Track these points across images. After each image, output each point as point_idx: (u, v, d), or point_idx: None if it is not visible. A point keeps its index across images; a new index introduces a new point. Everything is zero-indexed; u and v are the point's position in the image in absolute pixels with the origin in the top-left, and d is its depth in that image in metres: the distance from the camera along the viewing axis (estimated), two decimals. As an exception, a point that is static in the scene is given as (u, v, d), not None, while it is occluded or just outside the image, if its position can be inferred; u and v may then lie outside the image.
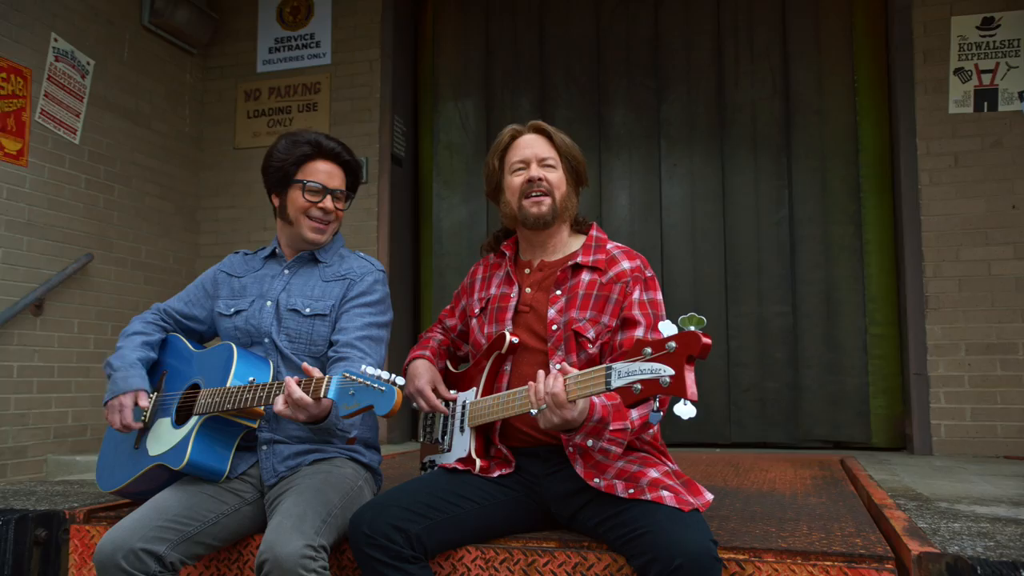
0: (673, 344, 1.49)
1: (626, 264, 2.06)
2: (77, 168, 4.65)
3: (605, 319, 2.00)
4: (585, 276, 2.07)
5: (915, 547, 1.74)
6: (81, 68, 4.70)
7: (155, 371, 2.27)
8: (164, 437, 2.09)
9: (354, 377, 1.72)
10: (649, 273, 2.07)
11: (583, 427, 1.77)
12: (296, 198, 2.20)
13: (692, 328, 1.47)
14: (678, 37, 5.14)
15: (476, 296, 2.24)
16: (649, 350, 1.52)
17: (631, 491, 1.81)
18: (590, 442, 1.81)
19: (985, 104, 4.39)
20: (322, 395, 1.77)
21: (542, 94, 5.38)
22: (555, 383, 1.71)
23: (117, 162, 4.94)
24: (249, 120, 5.64)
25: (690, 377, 1.46)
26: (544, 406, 1.73)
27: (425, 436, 2.28)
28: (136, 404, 2.14)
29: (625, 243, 2.20)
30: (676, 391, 1.46)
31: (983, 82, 4.40)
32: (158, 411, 2.18)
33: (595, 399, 1.77)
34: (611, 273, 2.05)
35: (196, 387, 2.12)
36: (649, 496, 1.77)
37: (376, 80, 5.37)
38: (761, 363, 4.75)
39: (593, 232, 2.17)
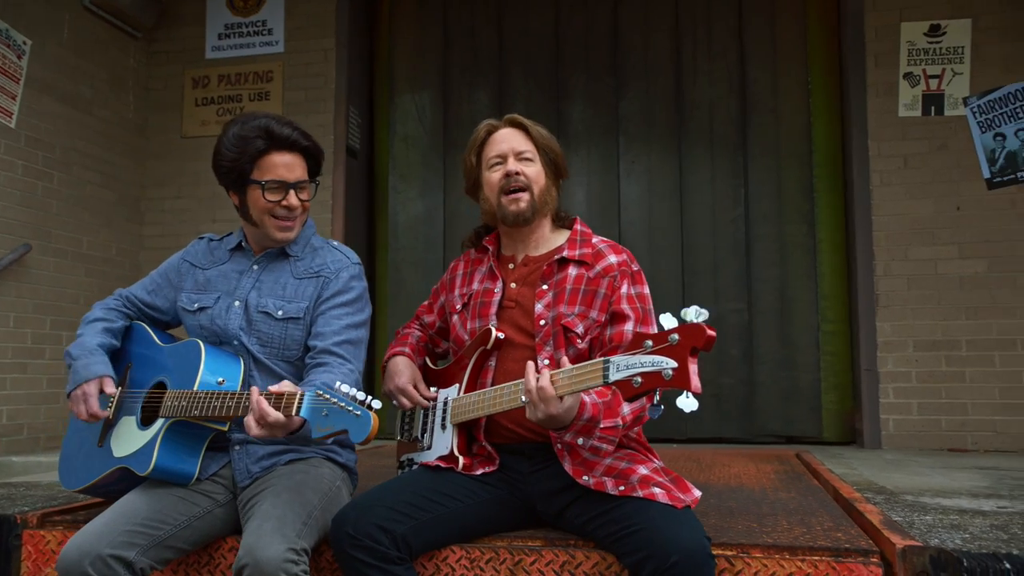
0: (676, 336, 1.48)
1: (613, 258, 2.05)
2: (13, 154, 4.41)
3: (594, 313, 1.98)
4: (572, 270, 2.04)
5: (898, 541, 1.76)
6: (17, 48, 4.46)
7: (119, 361, 2.15)
8: (129, 438, 1.98)
9: (327, 396, 1.63)
10: (636, 267, 2.06)
11: (572, 425, 1.74)
12: (257, 199, 2.02)
13: (695, 320, 1.46)
14: (637, 34, 5.16)
15: (457, 292, 2.20)
16: (650, 343, 1.50)
17: (621, 488, 1.79)
18: (580, 440, 1.79)
19: (932, 108, 4.53)
20: (293, 413, 1.67)
21: (500, 88, 5.34)
22: (542, 377, 1.68)
23: (56, 148, 4.71)
24: (197, 108, 5.45)
25: (693, 369, 1.45)
26: (527, 399, 1.70)
27: (403, 434, 2.22)
28: (102, 391, 2.02)
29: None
30: (679, 384, 1.45)
31: (930, 87, 4.54)
32: (122, 407, 2.07)
33: (585, 397, 1.75)
34: (598, 267, 2.03)
35: (162, 386, 2.02)
36: (640, 493, 1.76)
37: (331, 70, 5.25)
38: (717, 359, 4.81)
39: (577, 226, 2.16)
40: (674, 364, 1.45)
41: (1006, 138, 4.42)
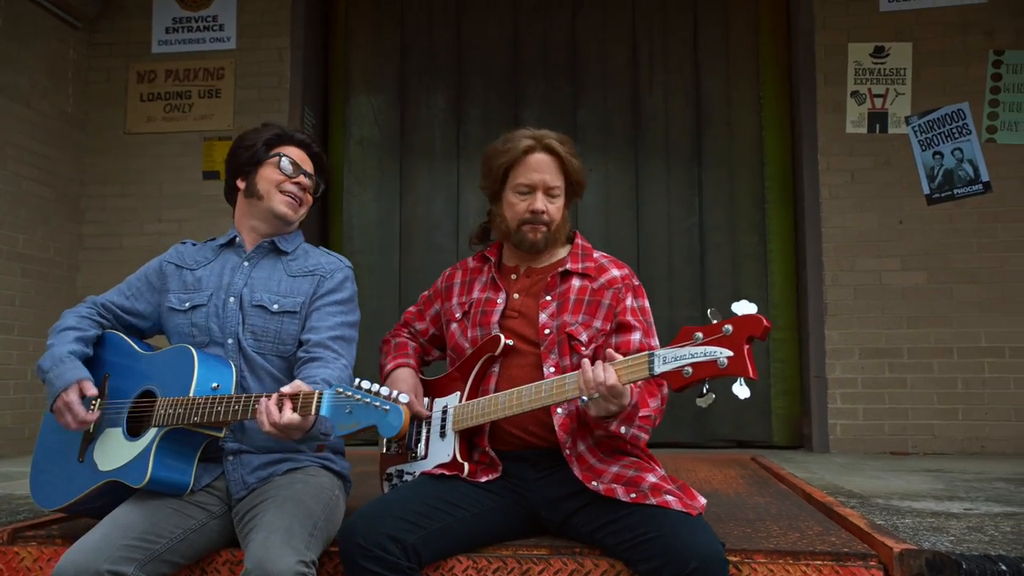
0: (730, 327, 1.57)
1: (616, 272, 2.09)
2: (-53, 146, 4.18)
3: (597, 323, 2.01)
4: (575, 282, 2.07)
5: (893, 544, 1.83)
6: (-47, 35, 4.23)
7: (95, 370, 2.04)
8: (116, 450, 1.90)
9: (349, 393, 1.63)
10: (636, 282, 2.10)
11: (622, 412, 1.77)
12: (269, 173, 2.10)
13: (747, 312, 1.55)
14: (595, 44, 5.23)
15: (455, 300, 2.19)
16: (700, 335, 1.60)
17: (633, 495, 1.81)
18: (623, 429, 1.83)
19: (877, 126, 4.73)
20: (312, 413, 1.66)
21: (458, 93, 5.33)
22: (608, 373, 1.71)
23: (-8, 142, 4.48)
24: (143, 103, 5.26)
25: (750, 356, 1.54)
26: (597, 395, 1.72)
27: (391, 447, 2.19)
28: (83, 396, 1.93)
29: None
30: (735, 371, 1.55)
31: (875, 105, 4.75)
32: (103, 420, 1.97)
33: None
34: (602, 280, 2.06)
35: (150, 394, 1.94)
36: (654, 500, 1.78)
37: (285, 69, 5.15)
38: (671, 365, 4.89)
39: (579, 240, 2.18)
40: (729, 353, 1.55)
41: (943, 156, 4.66)
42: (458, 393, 2.06)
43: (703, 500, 1.88)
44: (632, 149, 5.13)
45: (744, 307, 1.58)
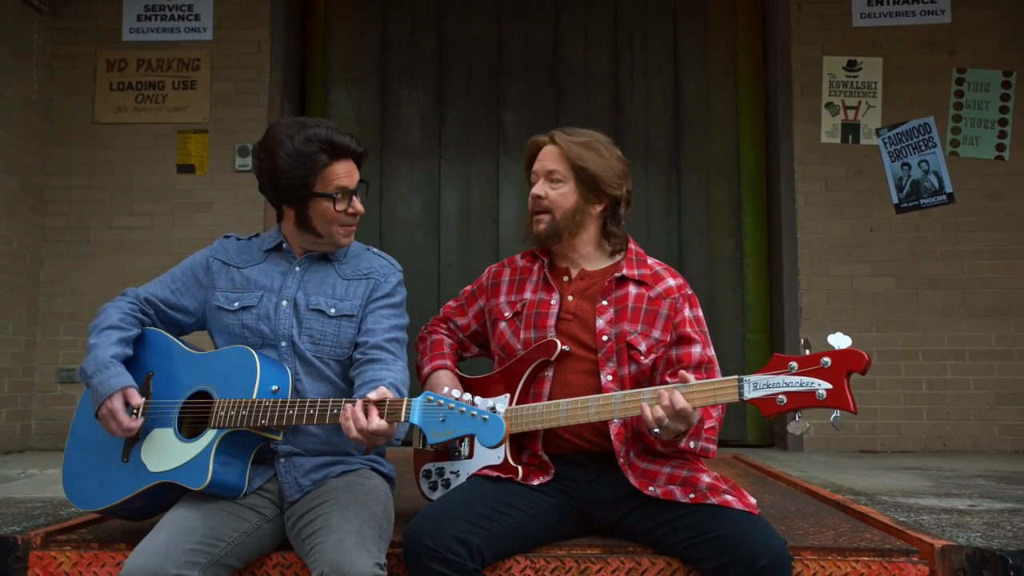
0: (828, 360, 1.62)
1: (672, 281, 2.10)
2: (-90, 132, 3.96)
3: (656, 333, 2.03)
4: (632, 289, 2.07)
5: (934, 541, 1.92)
6: (-83, 15, 4.01)
7: (136, 370, 1.98)
8: (169, 451, 1.85)
9: (441, 402, 1.64)
10: (690, 291, 2.12)
11: (690, 429, 1.81)
12: (324, 211, 1.98)
13: (842, 346, 1.61)
14: (577, 48, 5.29)
15: (505, 299, 2.18)
16: (795, 365, 1.61)
17: (691, 496, 1.86)
18: (692, 444, 1.87)
19: (850, 137, 4.92)
20: (402, 419, 1.67)
21: (440, 92, 5.32)
22: (679, 399, 1.74)
23: (-44, 128, 4.27)
24: (112, 93, 5.08)
25: (849, 391, 1.60)
26: (668, 422, 1.75)
27: (426, 443, 2.18)
28: (127, 403, 1.87)
29: (522, 247, 2.28)
30: (834, 404, 1.60)
31: (848, 117, 4.93)
32: (149, 420, 1.92)
33: None
34: (659, 288, 2.08)
35: (203, 395, 1.90)
36: (714, 500, 1.83)
37: (265, 62, 5.05)
38: (650, 366, 4.99)
39: (632, 246, 2.18)
40: (828, 386, 1.61)
41: (911, 168, 4.88)
42: (507, 395, 2.07)
43: (752, 500, 1.93)
44: (613, 153, 5.20)
45: (841, 340, 1.63)
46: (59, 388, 4.88)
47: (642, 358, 2.00)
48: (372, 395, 1.71)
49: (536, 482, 1.98)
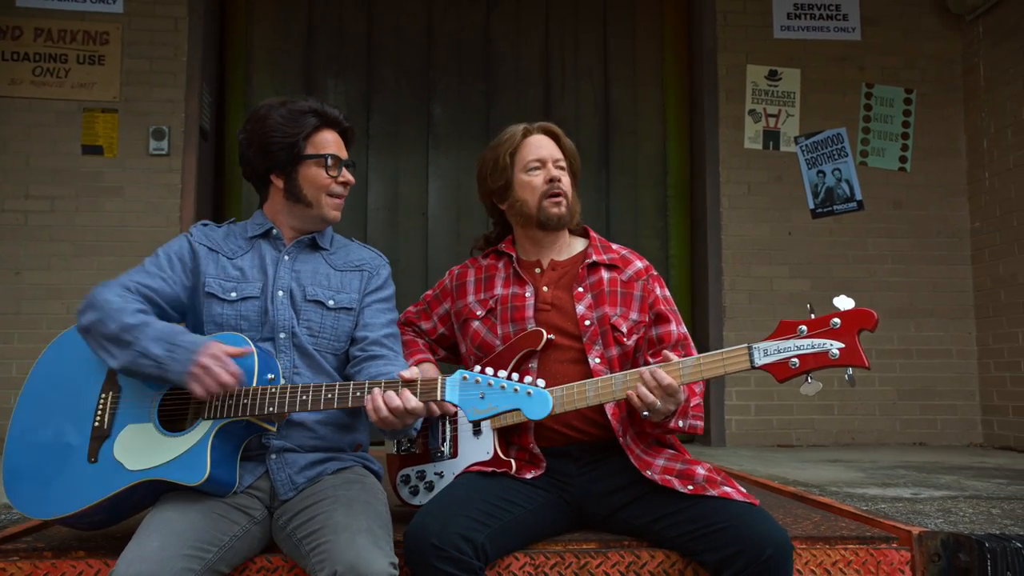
0: (838, 321, 1.69)
1: (639, 264, 2.17)
2: None
3: (634, 315, 2.07)
4: (604, 274, 2.12)
5: (909, 528, 2.01)
6: None
7: (95, 366, 1.81)
8: (151, 447, 1.70)
9: (478, 379, 1.61)
10: (655, 272, 2.19)
11: (678, 407, 1.83)
12: (315, 176, 1.93)
13: (848, 307, 1.67)
14: (509, 44, 5.27)
15: (474, 298, 2.15)
16: (805, 328, 1.71)
17: (690, 488, 1.86)
18: (680, 423, 1.90)
19: (771, 143, 5.12)
20: (438, 398, 1.63)
21: (369, 82, 5.17)
22: (664, 376, 1.76)
23: None
24: (5, 63, 4.66)
25: (861, 348, 1.66)
26: (659, 404, 1.77)
27: (408, 446, 2.11)
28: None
29: (452, 242, 2.32)
30: (848, 361, 1.66)
31: (770, 124, 5.13)
32: (118, 416, 1.76)
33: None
34: (629, 271, 2.13)
35: None
36: (714, 492, 1.84)
37: (183, 41, 4.76)
38: (578, 364, 5.03)
39: (593, 233, 2.23)
40: (840, 344, 1.66)
41: (825, 175, 5.13)
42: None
43: (743, 490, 1.96)
44: (544, 151, 5.20)
45: (846, 302, 1.69)
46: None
47: (625, 339, 2.04)
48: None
49: (528, 476, 1.95)
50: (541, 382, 1.63)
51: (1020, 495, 2.73)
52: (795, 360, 1.71)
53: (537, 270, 2.16)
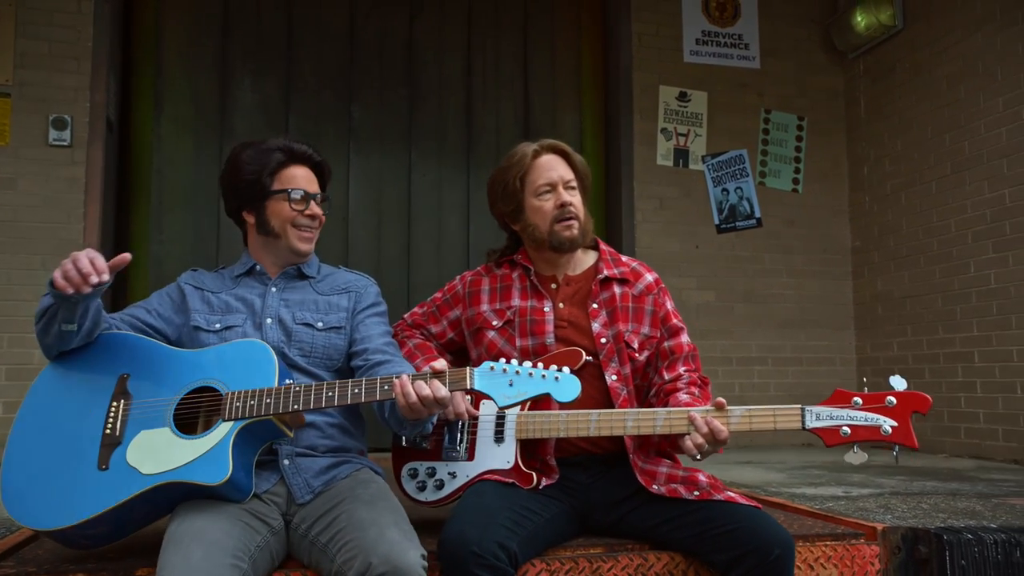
0: (894, 400, 1.80)
1: (649, 277, 2.24)
2: None
3: (646, 329, 2.14)
4: (616, 289, 2.17)
5: (873, 524, 2.20)
6: None
7: (104, 374, 1.75)
8: (169, 450, 1.66)
9: (505, 368, 1.65)
10: (663, 285, 2.28)
11: None
12: (280, 210, 2.00)
13: (902, 388, 1.80)
14: (431, 51, 5.26)
15: (489, 307, 2.17)
16: (859, 400, 1.79)
17: (696, 493, 1.97)
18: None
19: (681, 161, 5.39)
20: (468, 386, 1.67)
21: (288, 80, 5.01)
22: (721, 430, 1.87)
23: None
24: None
25: (911, 430, 1.78)
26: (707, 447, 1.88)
27: (422, 440, 2.10)
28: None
29: (372, 249, 2.40)
30: (898, 439, 1.78)
31: (680, 143, 5.41)
32: (129, 422, 1.69)
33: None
34: (640, 285, 2.20)
35: (208, 390, 1.73)
36: (720, 497, 1.95)
37: (87, 25, 4.44)
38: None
39: (603, 246, 2.28)
40: (893, 423, 1.78)
41: (729, 193, 5.46)
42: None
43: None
44: (465, 158, 5.24)
45: (900, 382, 1.81)
46: None
47: (636, 355, 2.10)
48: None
49: (543, 485, 2.00)
50: (567, 369, 1.68)
51: (931, 490, 3.04)
52: (847, 429, 1.82)
53: (553, 285, 2.20)
